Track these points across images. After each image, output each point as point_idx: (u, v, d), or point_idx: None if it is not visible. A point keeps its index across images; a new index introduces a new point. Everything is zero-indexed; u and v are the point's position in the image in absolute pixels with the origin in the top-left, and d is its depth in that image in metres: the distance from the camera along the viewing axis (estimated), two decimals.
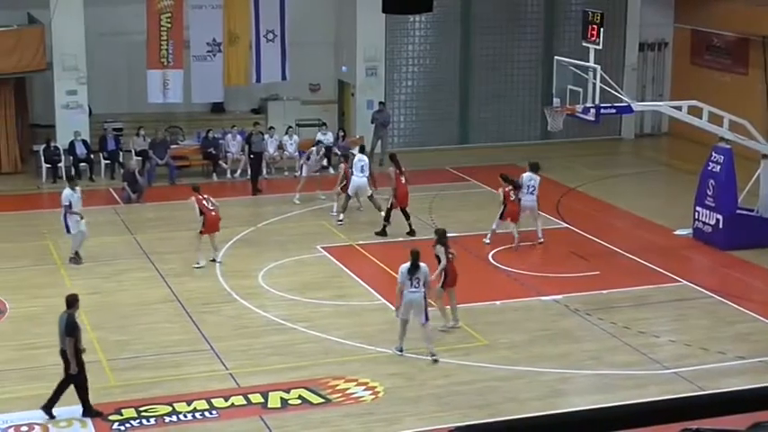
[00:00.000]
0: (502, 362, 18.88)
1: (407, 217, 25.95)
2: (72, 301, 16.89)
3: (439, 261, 20.02)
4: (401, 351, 18.90)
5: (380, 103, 34.40)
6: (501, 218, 25.03)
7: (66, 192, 23.95)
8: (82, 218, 23.94)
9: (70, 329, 16.52)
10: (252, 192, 30.18)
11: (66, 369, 16.70)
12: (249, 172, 30.86)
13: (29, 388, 17.70)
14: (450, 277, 20.06)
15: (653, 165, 34.86)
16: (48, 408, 16.64)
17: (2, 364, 18.70)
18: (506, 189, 25.03)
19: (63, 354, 16.70)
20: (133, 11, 32.68)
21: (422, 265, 18.68)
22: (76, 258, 23.87)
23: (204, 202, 23.76)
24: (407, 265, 18.69)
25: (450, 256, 20.07)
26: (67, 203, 23.74)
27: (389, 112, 34.51)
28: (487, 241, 25.14)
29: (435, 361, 18.62)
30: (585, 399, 17.69)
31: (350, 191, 26.88)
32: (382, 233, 25.90)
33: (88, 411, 16.72)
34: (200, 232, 23.63)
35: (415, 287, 18.55)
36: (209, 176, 31.77)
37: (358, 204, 27.86)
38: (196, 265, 23.48)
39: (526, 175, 25.45)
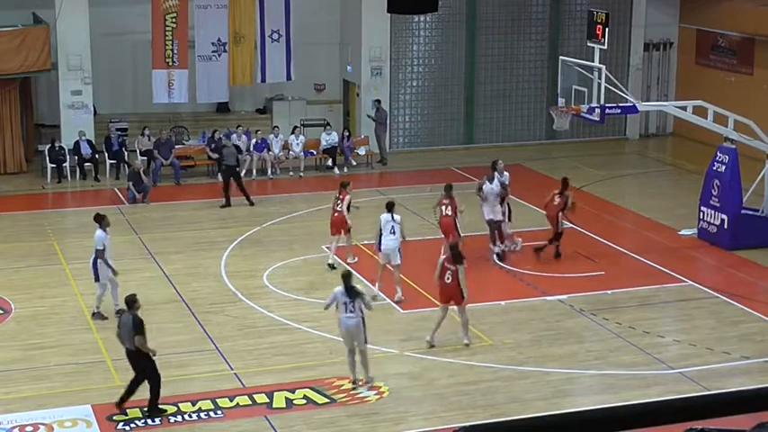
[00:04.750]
0: (507, 362, 18.88)
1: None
2: (131, 302, 17.03)
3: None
4: (355, 384, 17.70)
5: (377, 101, 34.38)
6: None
7: (100, 233, 20.61)
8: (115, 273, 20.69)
9: (138, 327, 16.62)
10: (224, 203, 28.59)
11: (135, 369, 16.82)
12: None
13: (33, 388, 17.73)
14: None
15: (658, 165, 34.84)
16: (120, 405, 16.80)
17: (7, 364, 18.71)
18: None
19: (129, 354, 16.82)
20: (138, 11, 32.76)
21: (360, 290, 17.83)
22: (101, 314, 20.70)
23: (336, 200, 23.57)
24: (341, 288, 17.50)
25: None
26: (102, 247, 20.48)
27: (386, 110, 34.41)
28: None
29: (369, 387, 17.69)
30: (590, 399, 17.69)
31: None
32: None
33: (154, 411, 16.77)
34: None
35: (351, 312, 17.39)
36: (215, 176, 31.75)
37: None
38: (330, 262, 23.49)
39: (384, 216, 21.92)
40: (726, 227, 25.17)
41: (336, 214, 23.40)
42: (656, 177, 33.00)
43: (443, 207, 23.41)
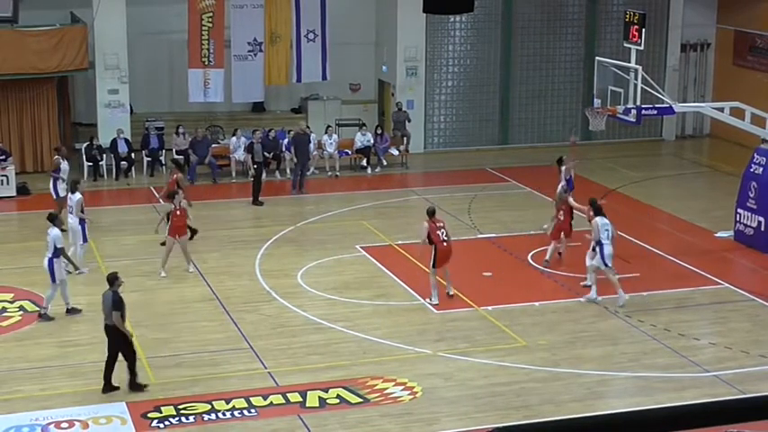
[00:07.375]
0: (540, 363, 18.83)
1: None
2: (112, 279, 17.82)
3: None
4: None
5: (397, 104, 34.44)
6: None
7: (57, 232, 20.75)
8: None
9: (116, 305, 17.41)
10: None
11: (109, 345, 17.53)
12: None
13: (69, 385, 17.86)
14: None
15: (694, 166, 34.64)
16: (107, 388, 17.55)
17: (43, 360, 18.85)
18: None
19: (107, 330, 17.55)
20: (175, 10, 32.91)
21: None
22: (74, 310, 21.08)
23: (438, 231, 21.30)
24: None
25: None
26: (61, 245, 20.83)
27: (406, 112, 34.34)
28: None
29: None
30: (624, 401, 17.63)
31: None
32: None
33: (133, 387, 17.54)
34: (433, 266, 21.28)
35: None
36: (247, 176, 31.75)
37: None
38: (429, 301, 21.47)
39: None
40: (763, 229, 25.00)
41: (446, 245, 21.30)
42: (693, 179, 32.82)
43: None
